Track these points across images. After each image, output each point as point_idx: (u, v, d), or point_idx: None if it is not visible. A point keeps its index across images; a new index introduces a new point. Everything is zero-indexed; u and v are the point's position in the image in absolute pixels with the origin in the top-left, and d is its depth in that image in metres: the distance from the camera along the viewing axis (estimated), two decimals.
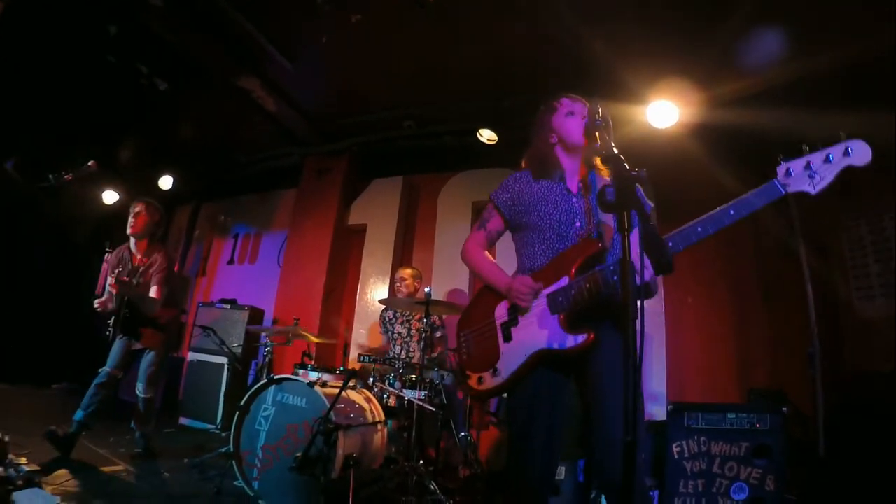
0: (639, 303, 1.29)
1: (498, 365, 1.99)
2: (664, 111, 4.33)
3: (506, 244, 2.32)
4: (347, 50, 4.74)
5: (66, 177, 3.25)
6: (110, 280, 3.71)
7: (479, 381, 2.04)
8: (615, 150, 1.56)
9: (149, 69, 4.93)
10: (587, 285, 1.80)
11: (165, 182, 6.90)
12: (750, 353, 4.45)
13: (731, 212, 1.64)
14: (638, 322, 1.27)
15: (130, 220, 3.97)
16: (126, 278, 3.75)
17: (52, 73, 5.05)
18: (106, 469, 3.51)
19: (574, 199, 2.04)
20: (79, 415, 3.60)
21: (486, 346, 2.05)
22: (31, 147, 4.67)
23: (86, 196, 5.49)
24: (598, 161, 2.08)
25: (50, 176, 3.17)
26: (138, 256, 3.98)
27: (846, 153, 1.56)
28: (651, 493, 2.92)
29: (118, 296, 3.79)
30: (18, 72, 4.93)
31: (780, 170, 1.63)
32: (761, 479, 2.91)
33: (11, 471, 2.71)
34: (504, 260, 2.24)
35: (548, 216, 2.03)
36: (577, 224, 2.00)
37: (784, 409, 3.03)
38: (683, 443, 3.01)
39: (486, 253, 2.24)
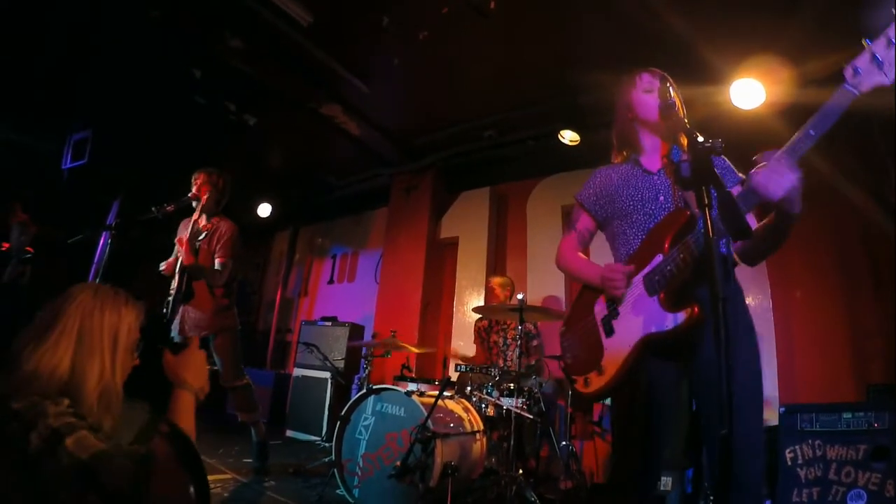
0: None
1: (602, 362, 1.87)
2: (749, 90, 4.00)
3: (596, 247, 2.23)
4: (419, 67, 4.81)
5: (167, 208, 3.50)
6: (180, 238, 3.63)
7: (586, 382, 1.93)
8: (688, 125, 1.48)
9: (237, 106, 5.26)
10: (681, 255, 1.70)
11: (264, 210, 7.32)
12: (866, 345, 3.94)
13: (811, 132, 1.51)
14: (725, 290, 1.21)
15: (195, 188, 3.81)
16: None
17: (152, 117, 5.55)
18: (212, 477, 3.66)
19: (654, 178, 1.97)
20: None
21: (589, 346, 1.95)
22: (137, 185, 5.13)
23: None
24: (681, 137, 1.97)
25: (153, 208, 3.44)
26: (202, 222, 3.86)
27: None
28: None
29: (182, 264, 3.63)
30: (121, 118, 5.45)
31: (847, 73, 1.48)
32: (881, 484, 2.54)
33: None
34: (598, 261, 2.13)
35: (630, 199, 1.98)
36: (661, 198, 1.92)
37: None
38: (797, 448, 2.74)
39: (580, 253, 2.18)
